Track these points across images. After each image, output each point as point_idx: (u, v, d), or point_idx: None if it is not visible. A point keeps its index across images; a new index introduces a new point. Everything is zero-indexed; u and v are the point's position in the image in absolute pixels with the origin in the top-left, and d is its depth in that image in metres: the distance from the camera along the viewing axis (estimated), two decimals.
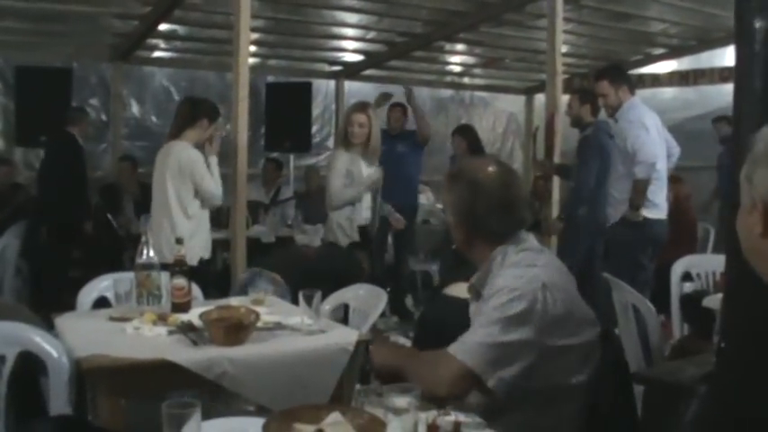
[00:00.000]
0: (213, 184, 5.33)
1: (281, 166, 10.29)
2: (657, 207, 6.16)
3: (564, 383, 2.46)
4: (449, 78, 12.81)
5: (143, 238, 3.60)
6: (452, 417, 2.09)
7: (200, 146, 5.52)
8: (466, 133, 8.84)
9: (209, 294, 4.52)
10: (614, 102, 6.33)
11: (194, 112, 5.41)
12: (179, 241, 3.72)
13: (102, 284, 4.20)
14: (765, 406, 1.39)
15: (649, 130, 6.16)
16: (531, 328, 2.41)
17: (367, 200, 5.88)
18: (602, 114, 6.80)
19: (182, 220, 5.20)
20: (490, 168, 2.70)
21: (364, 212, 5.86)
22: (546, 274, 2.51)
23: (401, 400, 1.91)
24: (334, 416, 1.89)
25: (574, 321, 2.49)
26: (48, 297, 7.29)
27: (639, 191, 6.14)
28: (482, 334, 2.43)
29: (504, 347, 2.40)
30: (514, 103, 13.43)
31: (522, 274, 2.50)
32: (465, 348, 2.43)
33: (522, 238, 2.67)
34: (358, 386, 2.20)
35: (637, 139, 6.12)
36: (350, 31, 10.25)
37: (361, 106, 5.97)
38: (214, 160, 5.47)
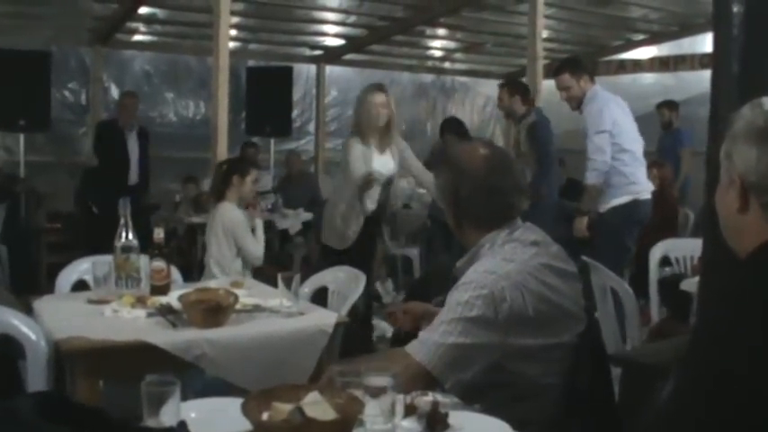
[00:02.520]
0: (254, 245, 5.34)
1: (253, 146, 10.21)
2: (643, 186, 6.04)
3: (535, 381, 2.42)
4: (430, 63, 12.80)
5: (122, 221, 3.59)
6: (430, 397, 2.09)
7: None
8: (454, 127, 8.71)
9: None
10: (578, 93, 6.16)
11: (224, 173, 5.43)
12: None
13: (81, 267, 4.19)
14: (738, 380, 1.40)
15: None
16: (493, 330, 2.35)
17: (375, 192, 5.73)
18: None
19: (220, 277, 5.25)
20: (478, 152, 2.66)
21: (369, 206, 5.71)
22: (522, 271, 2.43)
23: (379, 380, 1.91)
24: (313, 395, 1.89)
25: (549, 321, 2.42)
26: (26, 280, 7.28)
27: (591, 197, 5.98)
28: (442, 332, 2.36)
29: (464, 349, 2.34)
30: (495, 88, 13.40)
31: (495, 269, 2.43)
32: (424, 348, 2.36)
33: (516, 226, 2.61)
34: (336, 367, 2.20)
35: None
36: (330, 15, 10.23)
37: (379, 86, 5.79)
38: (259, 223, 5.46)
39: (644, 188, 6.02)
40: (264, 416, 1.86)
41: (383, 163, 5.69)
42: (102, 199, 8.36)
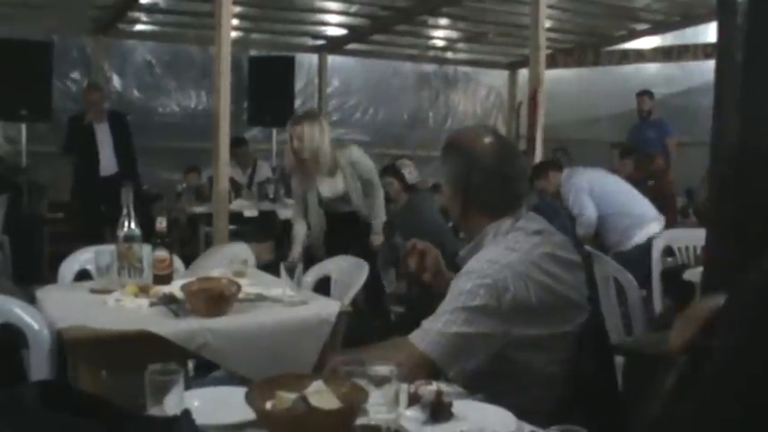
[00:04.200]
0: None
1: (244, 142, 10.17)
2: (636, 228, 6.38)
3: (538, 370, 2.42)
4: (432, 53, 12.78)
5: (124, 211, 3.58)
6: (434, 386, 2.09)
7: None
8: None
9: None
10: (554, 189, 6.85)
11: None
12: None
13: (84, 257, 4.19)
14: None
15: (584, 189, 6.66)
16: (496, 319, 2.34)
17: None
18: None
19: None
20: (485, 138, 2.64)
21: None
22: (525, 260, 2.42)
23: (383, 369, 1.91)
24: (317, 384, 1.88)
25: (552, 311, 2.41)
26: (28, 270, 7.27)
27: (586, 242, 6.44)
28: (445, 321, 2.36)
29: (467, 338, 2.34)
30: (498, 77, 13.43)
31: (498, 258, 2.42)
32: (427, 337, 2.36)
33: (520, 215, 2.59)
34: (339, 357, 2.20)
35: (575, 203, 6.63)
36: (333, 5, 10.21)
37: (295, 119, 5.54)
38: None
39: (637, 229, 6.41)
40: (268, 405, 1.85)
41: (330, 186, 5.63)
42: (79, 192, 8.40)
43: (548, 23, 8.32)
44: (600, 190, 6.60)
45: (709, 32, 10.46)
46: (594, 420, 2.47)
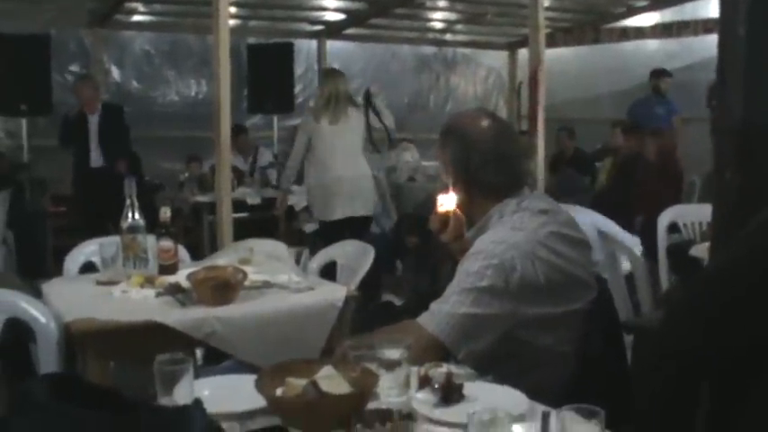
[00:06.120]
0: None
1: (244, 130, 10.18)
2: None
3: (547, 350, 2.43)
4: (431, 35, 12.72)
5: (128, 201, 3.57)
6: (444, 368, 2.09)
7: None
8: None
9: None
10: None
11: None
12: None
13: (89, 249, 4.18)
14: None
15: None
16: (504, 299, 2.35)
17: None
18: None
19: None
20: (482, 120, 2.65)
21: None
22: (531, 239, 2.43)
23: (393, 353, 1.91)
24: (327, 369, 1.88)
25: (560, 289, 2.42)
26: (33, 264, 7.29)
27: None
28: (453, 302, 2.37)
29: (476, 319, 2.35)
30: (497, 58, 13.38)
31: (505, 238, 2.43)
32: (435, 319, 2.36)
33: (524, 195, 2.60)
34: (348, 341, 2.20)
35: None
36: None
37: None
38: None
39: None
40: (278, 391, 1.85)
41: None
42: (77, 185, 8.39)
43: (546, 2, 8.28)
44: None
45: (709, 8, 10.40)
46: (604, 398, 2.49)
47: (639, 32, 11.51)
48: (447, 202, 2.60)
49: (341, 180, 6.46)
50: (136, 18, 10.45)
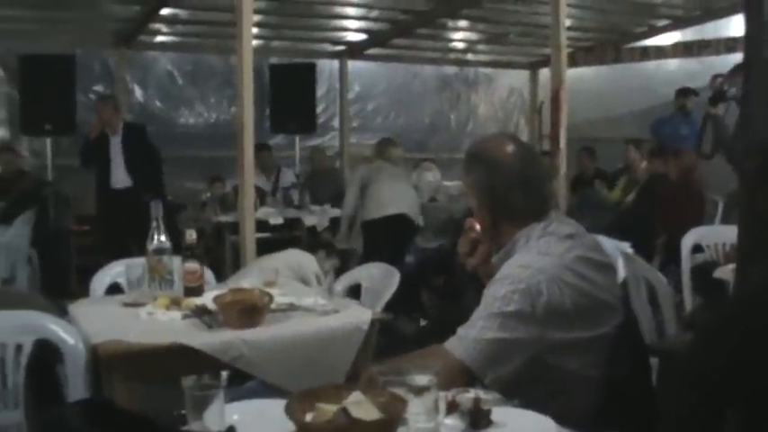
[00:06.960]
0: None
1: (267, 147, 10.18)
2: None
3: (574, 374, 2.41)
4: (452, 55, 12.75)
5: (153, 224, 3.59)
6: (471, 393, 2.09)
7: None
8: None
9: None
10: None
11: None
12: None
13: (115, 270, 4.21)
14: None
15: None
16: (531, 324, 2.34)
17: None
18: None
19: None
20: (506, 145, 2.64)
21: None
22: (558, 264, 2.42)
23: (422, 378, 1.91)
24: (356, 395, 1.89)
25: (587, 314, 2.41)
26: (57, 283, 7.33)
27: None
28: (480, 328, 2.36)
29: (502, 344, 2.34)
30: (519, 78, 13.40)
31: (531, 263, 2.42)
32: (462, 344, 2.35)
33: (550, 220, 2.59)
34: (375, 367, 2.20)
35: None
36: (352, 11, 10.22)
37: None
38: None
39: None
40: (308, 417, 1.86)
41: None
42: (100, 205, 8.43)
43: (568, 22, 8.28)
44: None
45: (730, 27, 10.41)
46: (630, 422, 2.49)
47: (660, 52, 11.51)
48: (475, 226, 2.61)
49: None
50: (159, 39, 10.54)
